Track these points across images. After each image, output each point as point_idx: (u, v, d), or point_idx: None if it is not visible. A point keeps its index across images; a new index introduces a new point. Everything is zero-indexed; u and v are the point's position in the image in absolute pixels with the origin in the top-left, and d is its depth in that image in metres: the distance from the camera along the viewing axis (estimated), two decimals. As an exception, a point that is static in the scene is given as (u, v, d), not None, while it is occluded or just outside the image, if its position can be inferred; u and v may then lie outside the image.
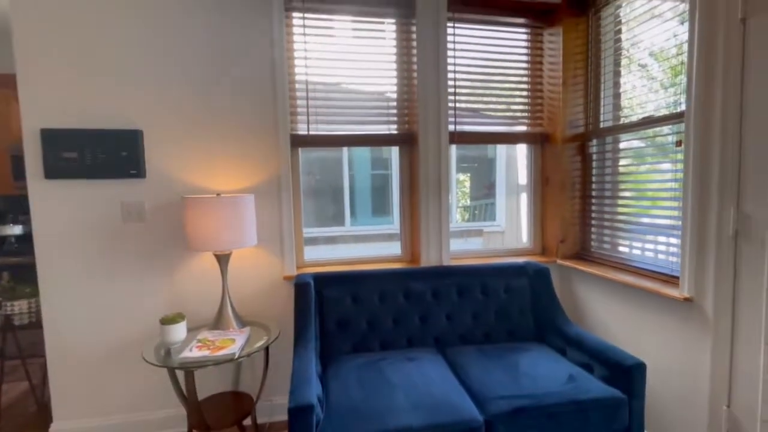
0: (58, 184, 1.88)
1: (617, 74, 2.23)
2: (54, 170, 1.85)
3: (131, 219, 1.97)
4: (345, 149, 5.75)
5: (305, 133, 2.19)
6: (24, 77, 1.82)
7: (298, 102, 2.16)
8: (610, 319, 2.05)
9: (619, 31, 2.16)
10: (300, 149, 2.22)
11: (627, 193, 2.11)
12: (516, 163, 5.15)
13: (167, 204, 1.99)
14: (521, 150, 2.73)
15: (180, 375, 1.86)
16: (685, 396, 1.65)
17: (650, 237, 1.95)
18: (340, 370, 1.73)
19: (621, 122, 2.15)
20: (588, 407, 1.48)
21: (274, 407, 2.15)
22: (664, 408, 1.75)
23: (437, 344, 2.03)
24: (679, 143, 1.72)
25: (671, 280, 1.75)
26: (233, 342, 1.70)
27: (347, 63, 2.19)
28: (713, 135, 1.48)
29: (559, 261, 2.38)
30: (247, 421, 2.06)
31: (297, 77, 2.15)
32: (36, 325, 2.11)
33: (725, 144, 1.44)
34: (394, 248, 2.45)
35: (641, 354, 1.85)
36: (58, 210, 1.89)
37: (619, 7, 2.15)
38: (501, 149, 5.63)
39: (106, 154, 1.90)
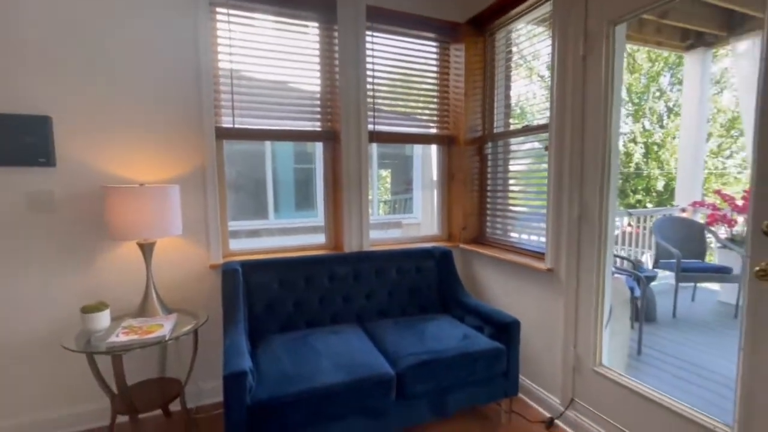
0: (-49, 170, 1.74)
1: (508, 88, 2.67)
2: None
3: (39, 209, 1.89)
4: (268, 143, 5.72)
5: (230, 125, 2.27)
6: None
7: (223, 95, 2.24)
8: (499, 290, 2.49)
9: (510, 52, 2.60)
10: (224, 141, 2.29)
11: (514, 188, 2.56)
12: (430, 161, 5.63)
13: (83, 194, 1.94)
14: (434, 149, 3.09)
15: (103, 363, 1.85)
16: (547, 342, 2.12)
17: (533, 224, 2.41)
18: (269, 345, 1.89)
19: (510, 128, 2.61)
20: (476, 357, 1.84)
21: (201, 392, 2.22)
22: (534, 353, 2.23)
23: (358, 320, 2.28)
24: (546, 148, 2.17)
25: (541, 256, 2.21)
26: (161, 327, 1.76)
27: (272, 60, 2.31)
28: (566, 143, 1.94)
29: (461, 245, 2.79)
30: (176, 406, 2.11)
31: (222, 71, 2.22)
32: None
33: (573, 150, 1.90)
34: (319, 240, 2.64)
35: (519, 314, 2.31)
36: (-49, 199, 1.75)
37: (510, 31, 2.59)
38: (417, 148, 6.08)
39: (6, 141, 1.80)
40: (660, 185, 9.62)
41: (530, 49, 2.41)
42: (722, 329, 3.30)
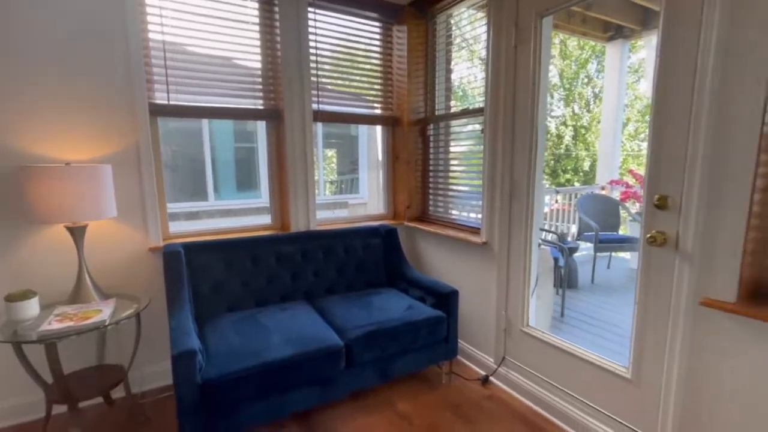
0: None
1: (449, 71, 2.78)
2: None
3: (-58, 191, 1.70)
4: (205, 121, 5.43)
5: (165, 102, 2.16)
6: None
7: (156, 69, 2.11)
8: (441, 263, 2.66)
9: (450, 36, 2.70)
10: (159, 118, 2.18)
11: (457, 168, 2.70)
12: (376, 141, 5.69)
13: (-3, 174, 1.77)
14: (379, 130, 3.15)
15: (34, 354, 1.73)
16: (482, 309, 2.34)
17: (473, 201, 2.57)
18: (217, 325, 1.89)
19: (450, 111, 2.73)
20: (420, 325, 1.99)
21: (145, 377, 2.17)
22: (471, 318, 2.44)
23: (307, 297, 2.33)
24: (483, 130, 2.32)
25: (477, 231, 2.39)
26: (99, 312, 1.69)
27: (209, 34, 2.21)
28: (499, 126, 2.10)
29: (406, 223, 2.92)
30: (118, 393, 2.05)
31: (153, 43, 2.09)
32: None
33: (505, 133, 2.07)
34: (264, 221, 2.62)
35: (458, 284, 2.50)
36: None
37: (450, 15, 2.68)
38: (363, 129, 6.10)
39: None
40: (587, 165, 10.52)
41: (472, 33, 2.52)
42: (630, 292, 3.79)
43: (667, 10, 1.39)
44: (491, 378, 2.28)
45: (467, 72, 2.67)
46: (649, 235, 1.46)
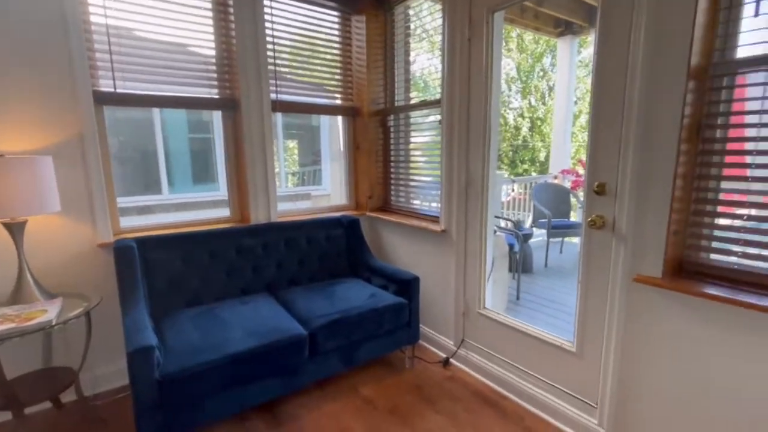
0: None
1: (407, 62, 2.81)
2: None
3: None
4: (157, 111, 5.17)
5: (111, 89, 2.05)
6: None
7: (100, 55, 1.99)
8: (402, 252, 2.73)
9: (408, 27, 2.73)
10: (105, 107, 2.06)
11: (420, 159, 2.75)
12: (338, 132, 5.66)
13: None
14: (340, 121, 3.14)
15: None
16: (442, 293, 2.43)
17: (433, 192, 2.64)
18: (175, 321, 1.85)
19: (410, 102, 2.77)
20: (382, 312, 2.04)
21: (98, 379, 2.08)
22: (432, 303, 2.53)
23: (269, 289, 2.32)
24: (440, 122, 2.39)
25: (437, 219, 2.47)
26: (44, 312, 1.61)
27: (157, 18, 2.10)
28: (455, 118, 2.17)
29: (368, 213, 2.95)
30: (69, 397, 1.95)
31: (96, 26, 1.96)
32: None
33: (461, 124, 2.14)
34: (223, 213, 2.55)
35: (419, 271, 2.57)
36: None
37: (408, 6, 2.70)
38: (324, 119, 6.04)
39: None
40: (542, 156, 10.99)
41: (432, 24, 2.55)
42: (579, 274, 4.05)
43: (602, 11, 1.49)
44: (451, 360, 2.38)
45: (428, 63, 2.72)
46: (590, 219, 1.58)
